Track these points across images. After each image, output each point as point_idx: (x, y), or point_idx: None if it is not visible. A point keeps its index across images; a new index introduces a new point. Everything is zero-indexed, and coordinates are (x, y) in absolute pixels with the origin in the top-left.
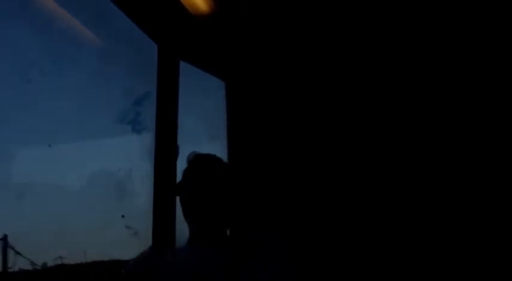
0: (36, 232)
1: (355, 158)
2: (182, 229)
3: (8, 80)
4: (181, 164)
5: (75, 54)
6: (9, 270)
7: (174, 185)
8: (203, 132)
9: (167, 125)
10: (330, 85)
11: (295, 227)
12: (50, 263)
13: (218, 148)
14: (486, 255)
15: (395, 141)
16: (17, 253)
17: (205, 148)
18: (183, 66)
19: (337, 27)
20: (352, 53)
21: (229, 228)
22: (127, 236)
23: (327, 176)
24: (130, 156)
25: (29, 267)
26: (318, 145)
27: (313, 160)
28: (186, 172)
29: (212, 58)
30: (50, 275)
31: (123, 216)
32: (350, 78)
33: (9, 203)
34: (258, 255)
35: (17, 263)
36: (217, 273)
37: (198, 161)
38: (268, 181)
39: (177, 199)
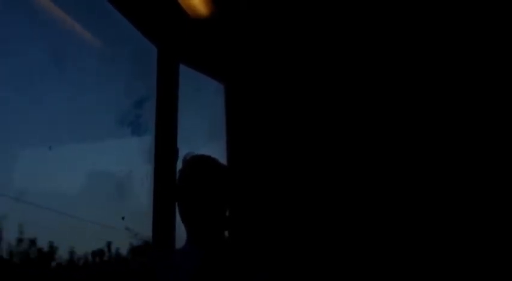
0: (36, 232)
1: (354, 159)
2: (182, 230)
3: (9, 82)
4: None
5: (75, 57)
6: None
7: (173, 189)
8: (203, 134)
9: (167, 127)
10: (329, 87)
11: (294, 227)
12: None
13: (217, 149)
14: (486, 255)
15: (396, 141)
16: None
17: (205, 149)
18: (183, 69)
19: (336, 30)
20: (352, 56)
21: (228, 230)
22: (127, 237)
23: (327, 177)
24: (130, 158)
25: None
26: (317, 146)
27: (312, 161)
28: (181, 175)
29: (211, 61)
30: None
31: (123, 218)
32: (349, 81)
33: (9, 205)
34: None
35: None
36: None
37: (193, 163)
38: (268, 182)
39: None
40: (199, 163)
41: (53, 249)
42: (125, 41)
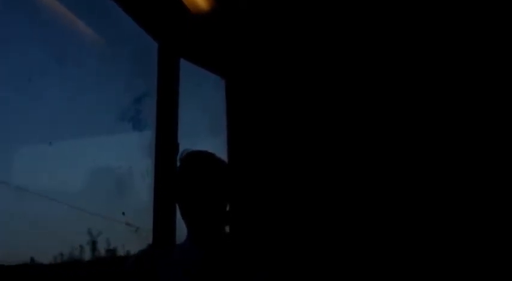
0: (37, 229)
1: (355, 154)
2: (182, 226)
3: (9, 80)
4: None
5: (76, 53)
6: None
7: (172, 186)
8: (204, 128)
9: (167, 122)
10: (329, 83)
11: (295, 225)
12: (50, 260)
13: (218, 144)
14: (486, 255)
15: (396, 141)
16: None
17: (205, 144)
18: (183, 63)
19: (336, 25)
20: (352, 51)
21: (228, 226)
22: (127, 233)
23: (328, 173)
24: (131, 153)
25: None
26: (319, 142)
27: (313, 156)
28: (179, 171)
29: (212, 56)
30: (51, 272)
31: (123, 213)
32: (349, 76)
33: (9, 200)
34: None
35: None
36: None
37: (190, 160)
38: (268, 178)
39: None
40: (196, 159)
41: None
42: (126, 37)
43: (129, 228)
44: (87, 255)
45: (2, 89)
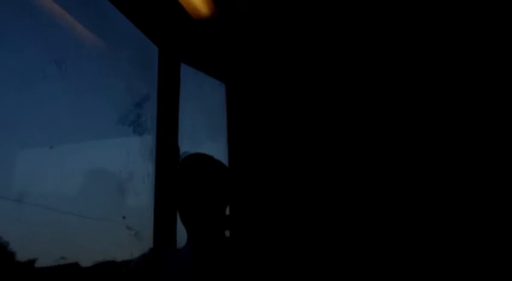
0: (37, 232)
1: (354, 159)
2: (183, 230)
3: (9, 82)
4: None
5: (76, 57)
6: None
7: (171, 190)
8: (204, 132)
9: (168, 126)
10: (330, 87)
11: (294, 227)
12: (52, 264)
13: (219, 148)
14: (486, 255)
15: (395, 142)
16: None
17: (206, 148)
18: (184, 66)
19: (336, 29)
20: (352, 55)
21: (228, 229)
22: (128, 237)
23: (328, 176)
24: (131, 157)
25: None
26: (318, 145)
27: (313, 159)
28: (178, 175)
29: (212, 60)
30: (51, 275)
31: (124, 217)
32: (350, 80)
33: (9, 204)
34: None
35: None
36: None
37: (189, 163)
38: (268, 182)
39: None
40: (195, 162)
41: None
42: (127, 41)
43: (129, 232)
44: (88, 258)
45: (1, 93)
